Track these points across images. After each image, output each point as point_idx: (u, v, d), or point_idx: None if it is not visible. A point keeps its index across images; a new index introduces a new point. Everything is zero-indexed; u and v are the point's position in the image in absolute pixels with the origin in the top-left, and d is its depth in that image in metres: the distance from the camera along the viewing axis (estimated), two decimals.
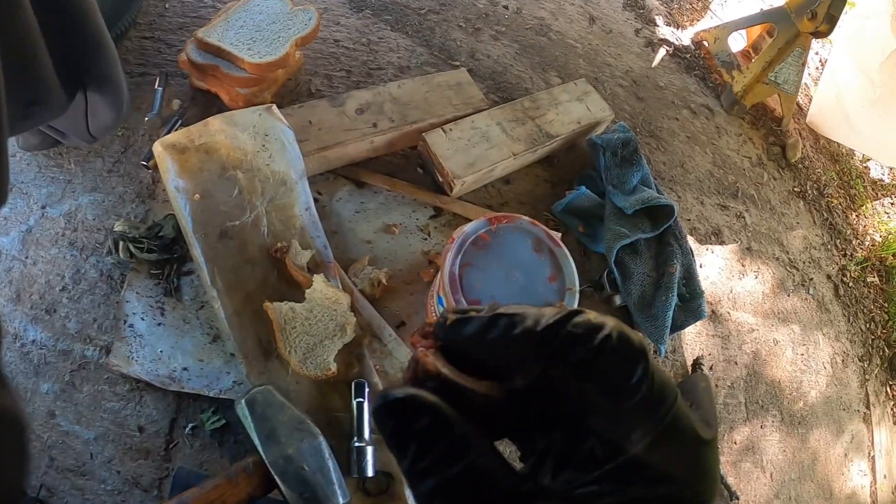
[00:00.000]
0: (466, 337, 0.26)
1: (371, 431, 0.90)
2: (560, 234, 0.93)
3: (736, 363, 1.32)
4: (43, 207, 1.00)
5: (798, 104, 1.82)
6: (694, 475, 0.24)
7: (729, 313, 1.36)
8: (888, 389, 1.56)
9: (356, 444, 0.87)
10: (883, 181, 1.93)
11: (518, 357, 0.25)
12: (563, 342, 0.23)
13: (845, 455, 1.40)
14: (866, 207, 1.81)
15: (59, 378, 0.90)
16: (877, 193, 1.88)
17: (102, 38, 0.83)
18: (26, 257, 0.97)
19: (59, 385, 0.89)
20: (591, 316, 0.24)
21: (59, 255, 0.97)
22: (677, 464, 0.24)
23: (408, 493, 0.90)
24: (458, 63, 1.40)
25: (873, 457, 1.45)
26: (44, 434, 0.87)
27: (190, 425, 0.90)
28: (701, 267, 1.35)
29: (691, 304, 1.20)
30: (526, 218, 0.92)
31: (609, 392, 0.23)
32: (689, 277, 1.23)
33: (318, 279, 0.93)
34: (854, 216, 1.76)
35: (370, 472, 0.87)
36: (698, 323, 1.24)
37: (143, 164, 1.04)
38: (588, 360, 0.23)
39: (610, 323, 0.23)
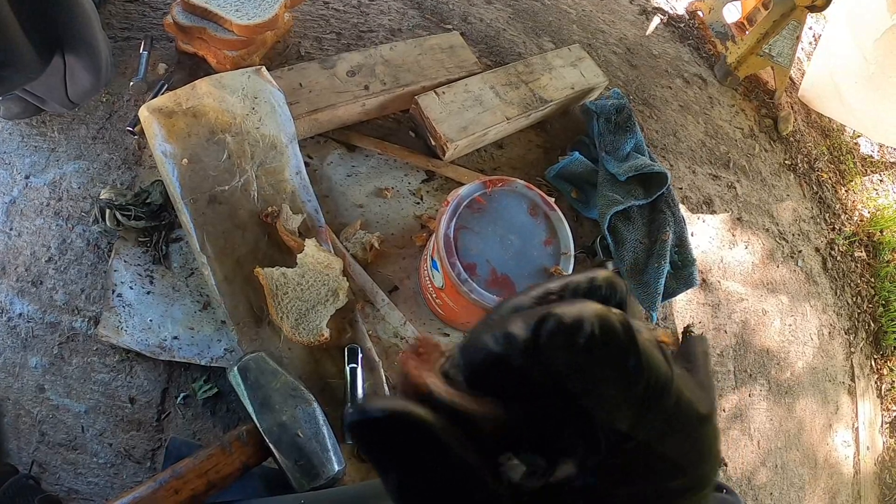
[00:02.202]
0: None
1: (365, 397, 0.90)
2: (553, 200, 0.93)
3: (725, 332, 1.33)
4: (27, 177, 0.98)
5: (791, 78, 1.82)
6: (698, 457, 0.24)
7: (719, 282, 1.37)
8: (873, 363, 1.58)
9: (350, 411, 0.87)
10: (873, 157, 1.93)
11: (511, 384, 0.23)
12: (546, 359, 0.22)
13: (830, 425, 1.43)
14: (855, 183, 1.81)
15: (47, 351, 0.88)
16: (866, 170, 1.89)
17: None
18: (11, 229, 0.94)
19: (47, 358, 0.88)
20: (563, 313, 0.21)
21: (45, 226, 0.95)
22: (681, 449, 0.23)
23: None
24: (450, 26, 1.38)
25: (857, 428, 1.48)
26: (34, 409, 0.85)
27: (182, 395, 0.89)
28: (692, 235, 1.35)
29: (683, 272, 1.21)
30: (521, 181, 0.91)
31: (606, 390, 0.22)
32: (682, 245, 1.23)
33: (309, 244, 0.91)
34: (843, 191, 1.77)
35: None
36: (689, 291, 1.25)
37: (129, 130, 1.01)
38: (578, 366, 0.21)
39: (587, 314, 0.21)
